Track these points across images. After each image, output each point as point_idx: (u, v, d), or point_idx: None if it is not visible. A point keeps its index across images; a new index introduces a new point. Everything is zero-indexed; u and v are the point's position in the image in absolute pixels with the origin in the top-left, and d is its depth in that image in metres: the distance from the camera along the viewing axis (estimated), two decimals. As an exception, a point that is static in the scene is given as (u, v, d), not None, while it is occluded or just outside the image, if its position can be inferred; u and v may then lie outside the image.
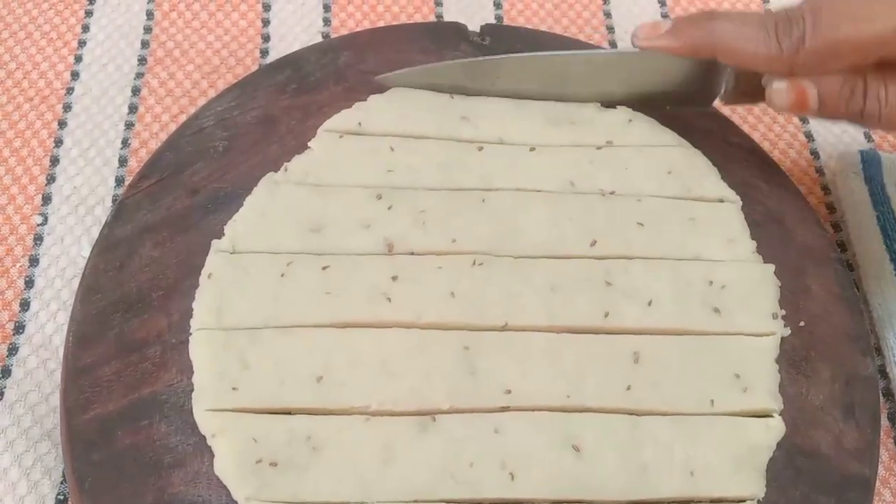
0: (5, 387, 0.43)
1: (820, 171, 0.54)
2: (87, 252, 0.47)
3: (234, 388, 0.37)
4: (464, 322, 0.39)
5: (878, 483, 0.40)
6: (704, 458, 0.36)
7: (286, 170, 0.43)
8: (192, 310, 0.39)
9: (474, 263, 0.40)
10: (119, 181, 0.50)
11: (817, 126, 0.55)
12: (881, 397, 0.42)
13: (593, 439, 0.36)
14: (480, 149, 0.44)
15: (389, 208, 0.41)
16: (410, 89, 0.45)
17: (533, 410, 0.37)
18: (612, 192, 0.43)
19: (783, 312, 0.40)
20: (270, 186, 0.42)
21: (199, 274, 0.40)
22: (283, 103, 0.45)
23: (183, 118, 0.51)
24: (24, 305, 0.46)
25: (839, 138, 0.55)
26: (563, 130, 0.44)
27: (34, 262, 0.47)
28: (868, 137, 0.55)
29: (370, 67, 0.47)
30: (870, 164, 0.52)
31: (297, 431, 0.36)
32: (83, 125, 0.52)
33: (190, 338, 0.38)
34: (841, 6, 0.39)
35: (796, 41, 0.39)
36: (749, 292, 0.40)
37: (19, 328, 0.45)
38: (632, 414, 0.37)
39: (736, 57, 0.41)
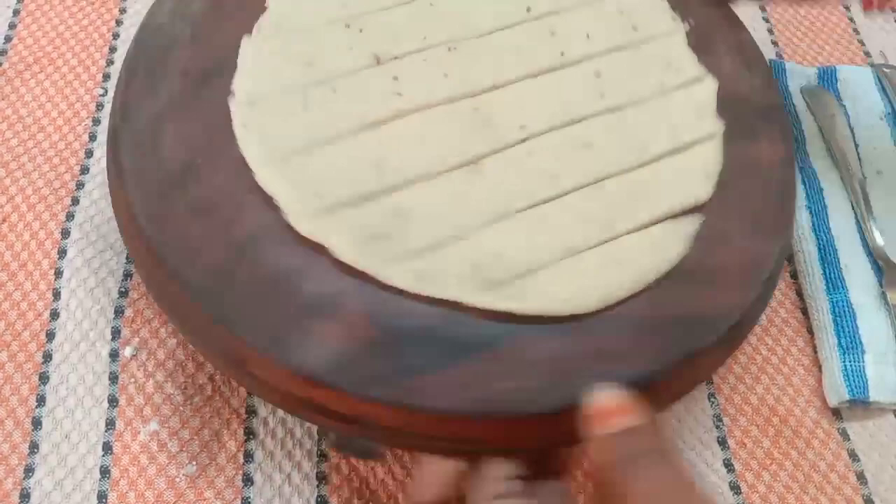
0: (76, 211, 0.54)
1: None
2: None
3: (316, 195, 0.43)
4: (465, 91, 0.48)
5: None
6: (678, 119, 0.49)
7: (259, 29, 0.49)
8: (237, 159, 0.44)
9: (449, 49, 0.50)
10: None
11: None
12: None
13: (595, 136, 0.47)
14: None
15: (360, 31, 0.49)
16: None
17: (546, 133, 0.47)
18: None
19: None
20: (252, 46, 0.48)
21: (227, 132, 0.44)
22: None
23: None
24: (89, 153, 0.57)
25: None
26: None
27: (97, 122, 0.58)
28: (778, 55, 0.67)
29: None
30: (776, 70, 0.64)
31: (384, 205, 0.43)
32: (137, 23, 0.61)
33: (256, 177, 0.43)
34: None
35: None
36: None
37: (85, 170, 0.56)
38: (611, 111, 0.49)
39: None
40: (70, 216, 0.53)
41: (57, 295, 0.50)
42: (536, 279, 0.42)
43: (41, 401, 0.47)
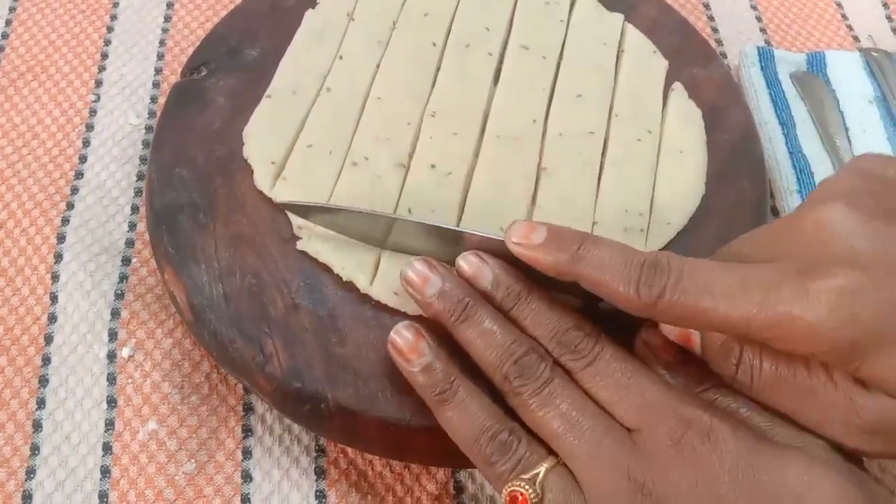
0: (71, 215, 0.54)
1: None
2: (133, 121, 0.59)
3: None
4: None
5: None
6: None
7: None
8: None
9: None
10: (157, 70, 0.62)
11: (725, 33, 0.67)
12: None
13: None
14: None
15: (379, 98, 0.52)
16: None
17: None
18: None
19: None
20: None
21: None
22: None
23: (209, 26, 0.63)
24: (83, 159, 0.57)
25: (743, 43, 0.67)
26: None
27: (90, 127, 0.59)
28: (766, 42, 0.67)
29: None
30: (765, 57, 0.64)
31: None
32: (127, 30, 0.63)
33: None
34: (705, 274, 0.35)
35: (656, 294, 0.35)
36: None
37: (79, 175, 0.56)
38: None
39: (598, 289, 0.37)
40: (65, 220, 0.54)
41: (54, 299, 0.51)
42: None
43: (41, 403, 0.47)
